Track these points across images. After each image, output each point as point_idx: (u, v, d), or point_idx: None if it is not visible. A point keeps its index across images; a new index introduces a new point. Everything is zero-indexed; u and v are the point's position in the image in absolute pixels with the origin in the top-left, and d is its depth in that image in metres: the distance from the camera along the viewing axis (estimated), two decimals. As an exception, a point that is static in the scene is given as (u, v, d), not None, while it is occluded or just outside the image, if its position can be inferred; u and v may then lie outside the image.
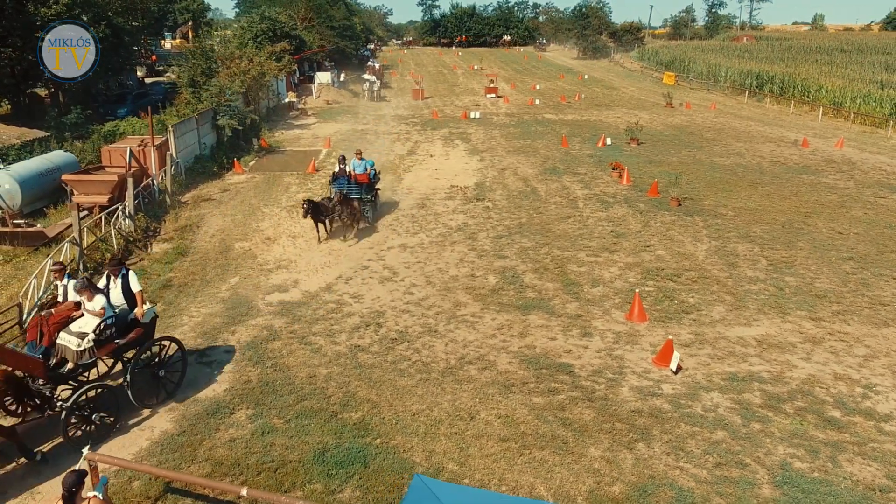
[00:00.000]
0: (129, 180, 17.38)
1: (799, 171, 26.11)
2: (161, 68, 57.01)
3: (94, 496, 6.18)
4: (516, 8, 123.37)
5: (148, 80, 50.26)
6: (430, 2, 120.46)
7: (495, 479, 8.43)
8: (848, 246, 17.33)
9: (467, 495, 4.98)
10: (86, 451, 7.35)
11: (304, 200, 17.00)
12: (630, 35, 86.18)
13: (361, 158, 19.21)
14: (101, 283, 9.99)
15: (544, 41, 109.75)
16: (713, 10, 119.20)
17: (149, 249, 17.17)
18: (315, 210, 17.09)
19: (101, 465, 7.64)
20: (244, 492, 6.59)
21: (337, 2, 62.56)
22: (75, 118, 30.37)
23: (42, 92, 40.82)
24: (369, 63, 59.75)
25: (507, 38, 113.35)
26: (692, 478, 8.50)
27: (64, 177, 18.81)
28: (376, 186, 19.72)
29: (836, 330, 12.66)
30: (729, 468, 8.68)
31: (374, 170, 19.52)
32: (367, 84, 48.08)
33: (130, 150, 19.50)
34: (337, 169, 19.42)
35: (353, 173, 18.82)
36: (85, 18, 31.46)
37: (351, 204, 17.64)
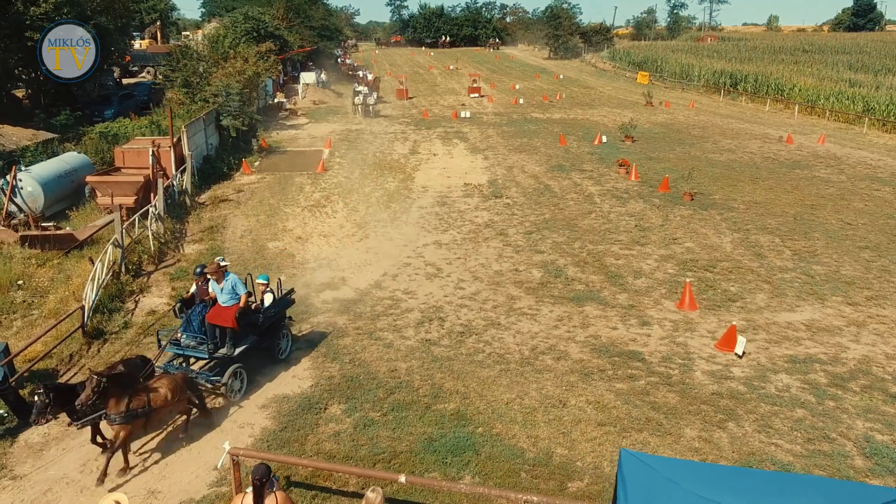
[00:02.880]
0: (160, 181, 17.16)
1: (791, 166, 27.17)
2: (135, 68, 55.80)
3: (277, 492, 6.24)
4: (484, 9, 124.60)
5: (125, 81, 49.10)
6: (398, 2, 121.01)
7: (606, 461, 8.75)
8: (860, 236, 18.21)
9: (678, 466, 5.26)
10: (227, 445, 7.39)
11: (38, 386, 8.37)
12: (600, 36, 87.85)
13: (226, 273, 10.30)
14: None
15: (498, 40, 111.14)
16: (675, 12, 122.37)
17: (181, 250, 16.98)
18: (61, 400, 8.35)
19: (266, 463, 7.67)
20: (403, 479, 6.74)
21: (315, 2, 62.15)
22: (65, 119, 29.61)
23: (19, 93, 39.59)
24: (360, 73, 52.77)
25: (446, 38, 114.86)
26: (788, 452, 8.98)
27: (88, 178, 18.44)
28: (282, 327, 11.39)
29: (874, 314, 13.37)
30: (819, 443, 9.20)
31: (270, 292, 11.15)
32: (361, 97, 40.86)
33: (153, 151, 19.20)
34: (193, 288, 10.83)
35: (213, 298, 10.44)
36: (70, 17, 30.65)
37: (144, 395, 8.52)
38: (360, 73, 51.64)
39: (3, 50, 30.66)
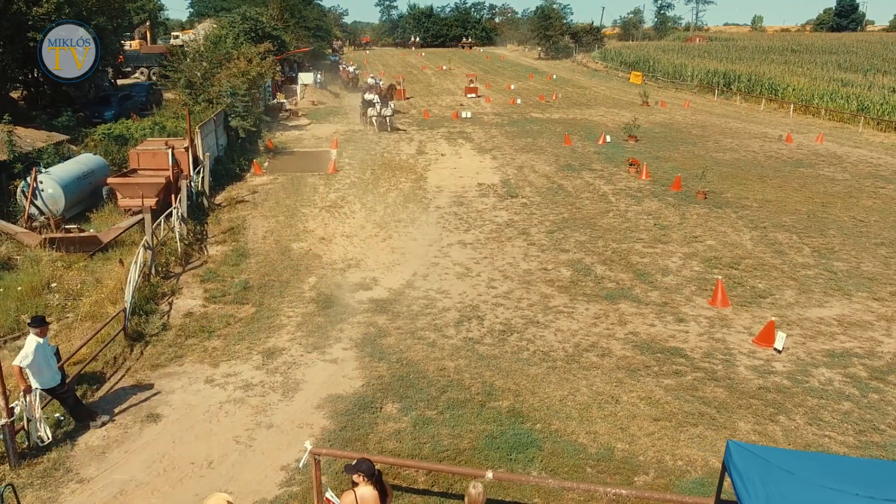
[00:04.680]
0: (184, 182, 17.08)
1: (795, 165, 27.60)
2: (128, 69, 55.23)
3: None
4: (473, 9, 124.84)
5: (119, 82, 48.58)
6: (387, 2, 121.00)
7: (668, 455, 8.90)
8: (874, 233, 18.57)
9: (788, 456, 5.39)
10: (308, 444, 7.42)
11: None
12: (590, 36, 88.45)
13: None
14: None
15: (471, 39, 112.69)
16: (661, 12, 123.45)
17: (206, 252, 16.91)
18: None
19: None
20: (490, 474, 6.82)
21: (310, 2, 61.96)
22: (67, 120, 29.26)
23: (15, 94, 39.06)
24: (370, 80, 45.50)
25: (416, 38, 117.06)
26: (842, 444, 9.19)
27: (109, 180, 18.31)
28: None
29: (901, 308, 13.68)
30: (870, 434, 9.41)
31: None
32: (376, 109, 34.84)
33: (173, 153, 19.09)
34: None
35: None
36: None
37: None
38: (371, 80, 44.57)
39: (3, 50, 30.29)
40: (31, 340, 8.79)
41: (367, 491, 5.94)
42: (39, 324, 8.94)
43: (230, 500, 5.77)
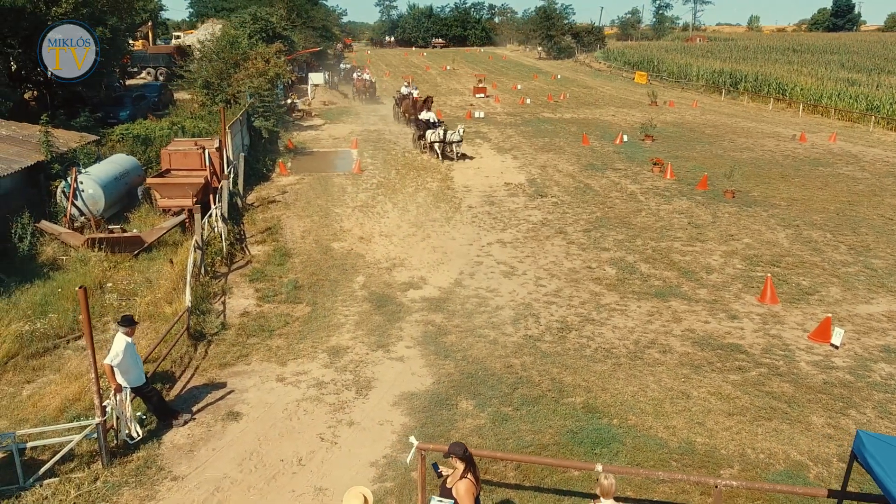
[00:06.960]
0: (224, 182, 17.12)
1: (813, 164, 27.85)
2: (134, 69, 55.06)
3: None
4: (472, 9, 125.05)
5: (127, 83, 48.47)
6: (387, 2, 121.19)
7: (749, 449, 9.05)
8: (904, 230, 18.84)
9: (922, 446, 5.56)
10: (413, 440, 7.52)
11: None
12: (592, 36, 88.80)
13: None
14: None
15: (440, 38, 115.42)
16: (660, 12, 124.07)
17: (248, 252, 16.96)
18: None
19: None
20: (599, 467, 6.94)
21: (316, 3, 61.93)
22: (84, 121, 29.19)
23: (26, 95, 38.90)
24: (403, 90, 38.06)
25: (391, 39, 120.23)
26: (916, 438, 9.36)
27: (148, 181, 18.32)
28: None
29: (946, 304, 13.90)
30: (941, 428, 9.60)
31: None
32: (438, 134, 27.27)
33: (209, 153, 19.11)
34: None
35: None
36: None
37: None
38: (405, 90, 37.97)
39: (21, 51, 30.24)
40: (121, 339, 8.85)
41: (469, 468, 6.27)
42: (129, 323, 9.01)
43: (363, 492, 5.88)
